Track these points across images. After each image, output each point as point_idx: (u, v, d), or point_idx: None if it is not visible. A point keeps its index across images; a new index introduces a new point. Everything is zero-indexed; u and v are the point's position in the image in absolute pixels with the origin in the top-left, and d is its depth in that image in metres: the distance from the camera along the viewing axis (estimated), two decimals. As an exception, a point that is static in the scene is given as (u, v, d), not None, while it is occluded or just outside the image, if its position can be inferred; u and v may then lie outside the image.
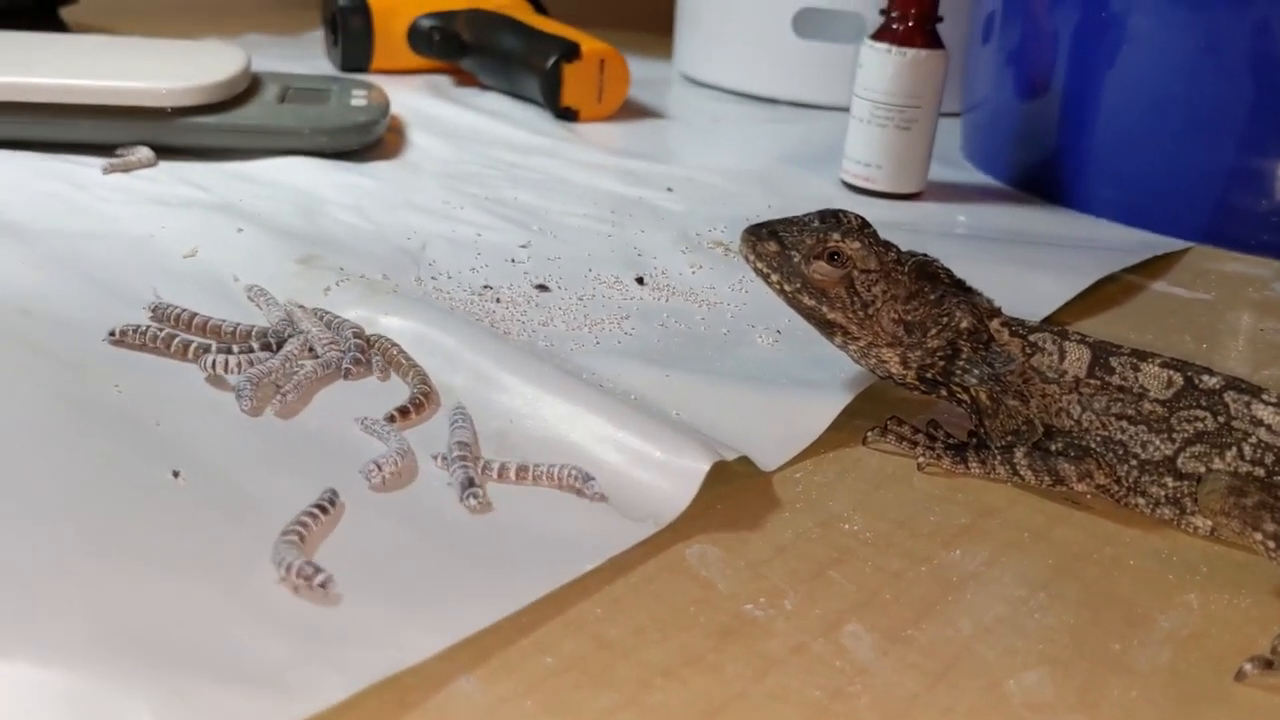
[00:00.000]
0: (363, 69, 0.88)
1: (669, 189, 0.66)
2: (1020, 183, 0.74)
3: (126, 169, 0.59)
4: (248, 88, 0.67)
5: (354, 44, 0.88)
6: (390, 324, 0.43)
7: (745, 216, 0.62)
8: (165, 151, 0.62)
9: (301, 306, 0.43)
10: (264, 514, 0.31)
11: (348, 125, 0.65)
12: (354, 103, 0.68)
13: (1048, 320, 0.51)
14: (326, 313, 0.43)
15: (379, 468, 0.34)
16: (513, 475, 0.34)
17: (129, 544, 0.30)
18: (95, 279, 0.46)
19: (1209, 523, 0.36)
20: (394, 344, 0.41)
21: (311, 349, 0.41)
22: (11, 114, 0.60)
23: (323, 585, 0.28)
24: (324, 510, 0.31)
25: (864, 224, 0.39)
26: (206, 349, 0.40)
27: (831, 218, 0.39)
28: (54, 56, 0.65)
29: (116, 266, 0.47)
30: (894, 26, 0.65)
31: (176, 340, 0.40)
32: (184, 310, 0.42)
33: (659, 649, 0.29)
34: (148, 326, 0.40)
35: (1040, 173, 0.72)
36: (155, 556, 0.29)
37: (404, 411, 0.38)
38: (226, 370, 0.38)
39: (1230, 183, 0.64)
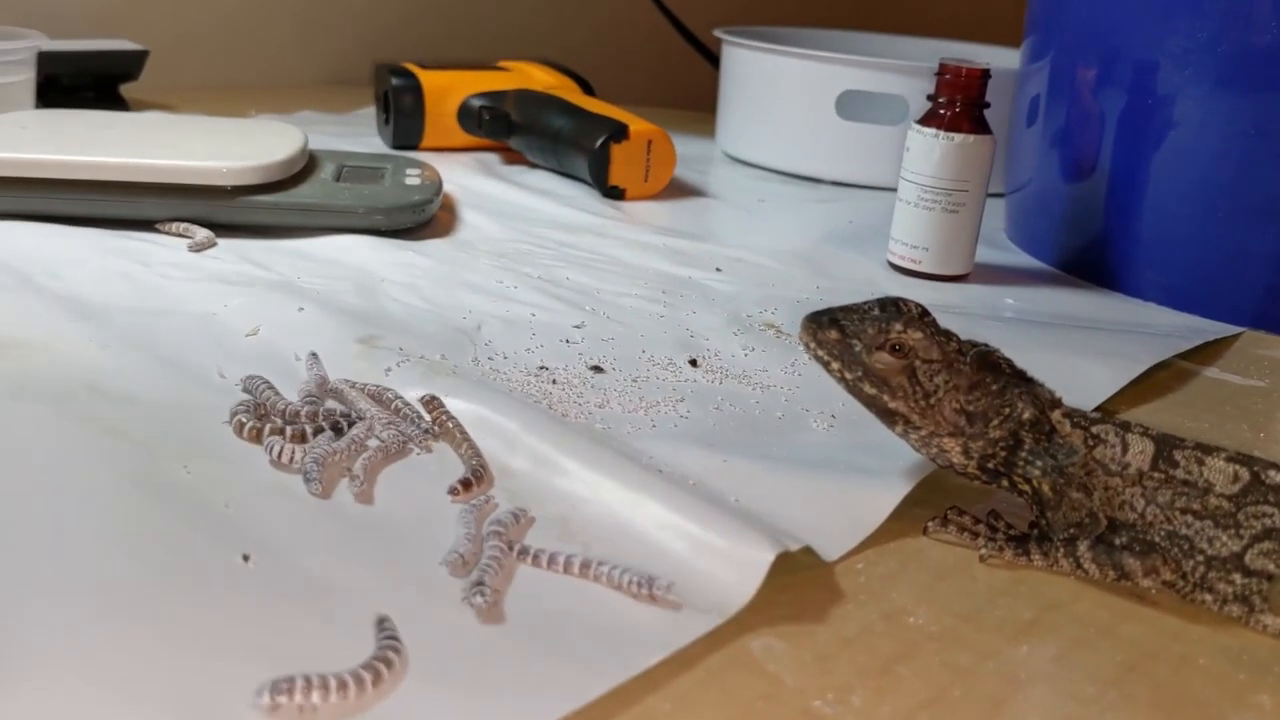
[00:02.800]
0: (413, 147, 0.90)
1: (718, 269, 0.67)
2: (1066, 266, 0.74)
3: (203, 248, 0.60)
4: (305, 166, 0.68)
5: (406, 122, 0.90)
6: (452, 405, 0.43)
7: (795, 299, 0.62)
8: (225, 229, 0.63)
9: (351, 383, 0.44)
10: (334, 600, 0.32)
11: (403, 204, 0.66)
12: (408, 181, 0.69)
13: (1101, 407, 0.51)
14: (386, 389, 0.44)
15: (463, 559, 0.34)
16: (576, 570, 0.34)
17: (201, 629, 0.30)
18: (161, 357, 0.46)
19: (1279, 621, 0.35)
20: (451, 416, 0.42)
21: (371, 429, 0.41)
22: (76, 191, 0.62)
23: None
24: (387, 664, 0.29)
25: (924, 312, 0.39)
26: (260, 432, 0.40)
27: (892, 306, 0.39)
28: (117, 135, 0.67)
29: (182, 344, 0.48)
30: (941, 112, 0.66)
31: (235, 418, 0.41)
32: (266, 385, 0.43)
33: (729, 746, 0.28)
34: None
35: (1087, 256, 0.72)
36: (227, 642, 0.30)
37: (466, 484, 0.38)
38: (289, 459, 0.39)
39: (1280, 267, 0.64)
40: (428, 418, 0.42)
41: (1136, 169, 0.68)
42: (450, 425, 0.42)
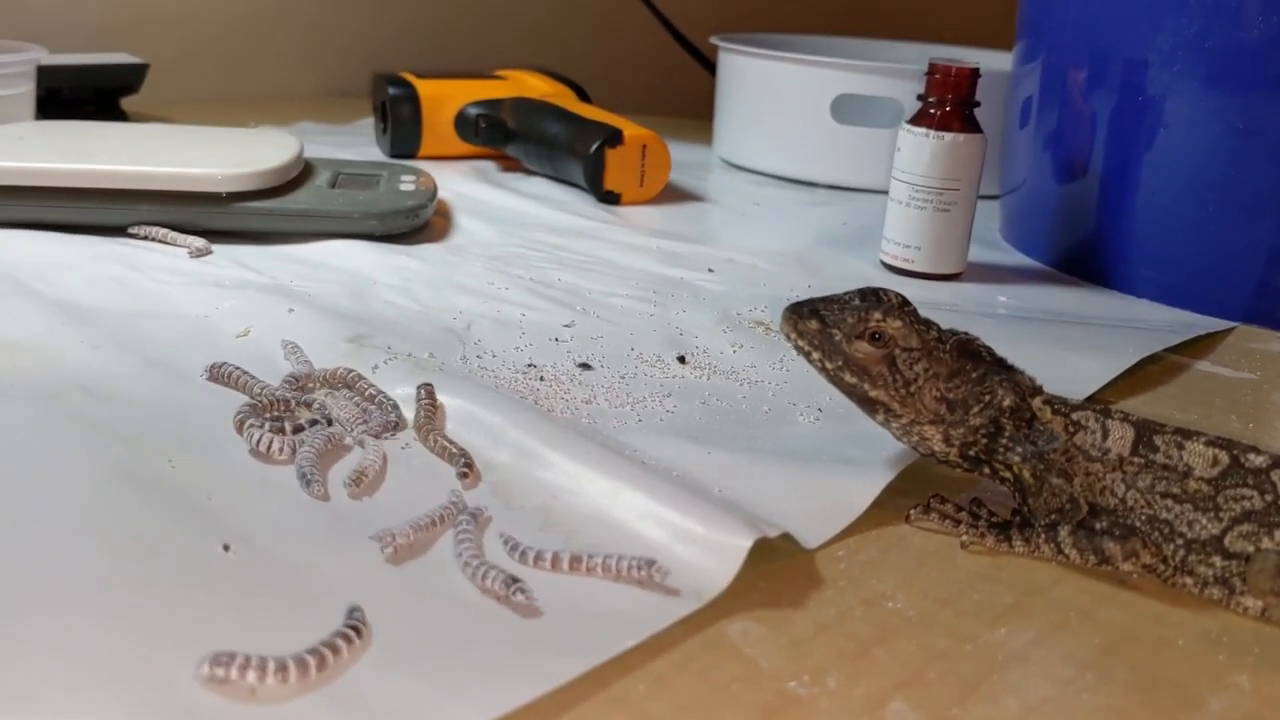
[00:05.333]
0: (411, 155, 0.91)
1: (710, 270, 0.67)
2: (1060, 264, 0.74)
3: (200, 254, 0.60)
4: (300, 173, 0.69)
5: (403, 131, 0.90)
6: (438, 401, 0.43)
7: (786, 297, 0.62)
8: (220, 235, 0.63)
9: (328, 379, 0.45)
10: (312, 589, 0.32)
11: (397, 209, 0.67)
12: (403, 188, 0.70)
13: (1091, 400, 0.51)
14: (361, 378, 0.44)
15: (394, 537, 0.34)
16: (566, 566, 0.34)
17: (179, 616, 0.30)
18: (151, 358, 0.47)
19: (1259, 603, 0.35)
20: (429, 409, 0.42)
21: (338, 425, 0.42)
22: (72, 199, 0.62)
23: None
24: (348, 639, 0.29)
25: (904, 302, 0.39)
26: (243, 423, 0.40)
27: (872, 295, 0.39)
28: (115, 144, 0.68)
29: (172, 345, 0.48)
30: (931, 111, 0.66)
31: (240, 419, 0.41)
32: (237, 369, 0.44)
33: (702, 726, 0.28)
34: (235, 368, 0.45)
35: (1080, 254, 0.72)
36: (207, 630, 0.30)
37: (470, 466, 0.39)
38: (267, 449, 0.39)
39: (1272, 263, 0.64)
40: (402, 408, 0.43)
41: (1128, 168, 0.68)
42: (420, 419, 0.42)
